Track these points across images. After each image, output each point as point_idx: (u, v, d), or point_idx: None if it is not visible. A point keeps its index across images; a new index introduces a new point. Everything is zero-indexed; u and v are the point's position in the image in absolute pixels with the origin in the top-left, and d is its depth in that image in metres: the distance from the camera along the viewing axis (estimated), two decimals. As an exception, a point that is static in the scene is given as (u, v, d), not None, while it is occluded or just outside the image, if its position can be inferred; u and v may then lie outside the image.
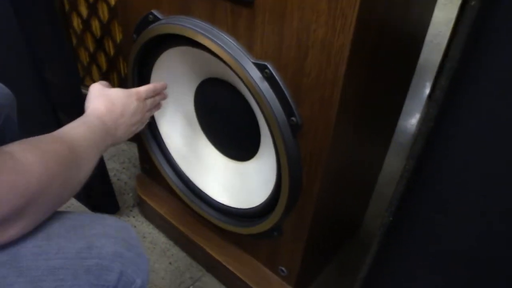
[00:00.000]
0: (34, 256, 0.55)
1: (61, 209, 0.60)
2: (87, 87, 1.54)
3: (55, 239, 0.56)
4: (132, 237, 0.63)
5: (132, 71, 1.00)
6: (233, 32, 0.76)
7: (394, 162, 1.55)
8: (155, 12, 0.88)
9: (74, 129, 0.65)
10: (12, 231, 0.51)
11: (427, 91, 2.11)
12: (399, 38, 0.82)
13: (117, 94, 0.77)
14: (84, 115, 0.72)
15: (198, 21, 0.81)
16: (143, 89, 0.83)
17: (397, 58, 0.87)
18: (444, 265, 0.60)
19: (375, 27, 0.68)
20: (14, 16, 1.04)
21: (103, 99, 0.75)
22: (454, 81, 0.48)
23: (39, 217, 0.55)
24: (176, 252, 1.23)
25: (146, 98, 0.83)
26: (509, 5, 0.42)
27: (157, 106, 0.90)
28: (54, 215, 0.59)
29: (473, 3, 0.44)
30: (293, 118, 0.74)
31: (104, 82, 0.80)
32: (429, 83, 2.16)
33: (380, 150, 1.14)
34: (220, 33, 0.78)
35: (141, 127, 0.83)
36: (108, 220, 0.63)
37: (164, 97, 0.92)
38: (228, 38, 0.77)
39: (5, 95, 0.94)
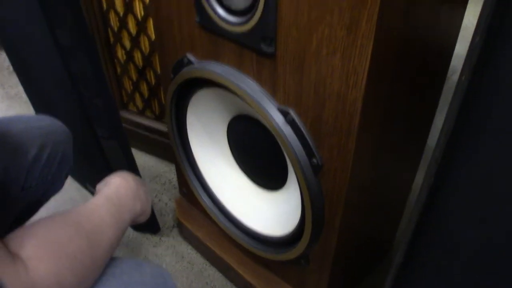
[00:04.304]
0: None
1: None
2: (131, 112, 1.65)
3: (95, 287, 0.62)
4: (167, 284, 0.68)
5: (170, 106, 1.08)
6: (258, 78, 0.82)
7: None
8: (189, 56, 0.95)
9: (97, 211, 0.67)
10: None
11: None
12: (419, 72, 0.86)
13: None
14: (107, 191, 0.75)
15: (227, 66, 0.87)
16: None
17: (418, 89, 0.89)
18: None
19: (389, 78, 0.72)
20: (58, 55, 1.13)
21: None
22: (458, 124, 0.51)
23: None
24: (212, 272, 1.30)
25: None
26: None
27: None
28: None
29: (463, 77, 0.48)
30: (314, 160, 0.80)
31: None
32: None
33: (407, 175, 1.17)
34: (247, 78, 0.84)
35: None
36: (146, 268, 0.68)
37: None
38: (253, 83, 0.83)
39: (63, 132, 1.02)
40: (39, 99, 1.53)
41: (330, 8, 0.63)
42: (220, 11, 0.81)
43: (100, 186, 0.80)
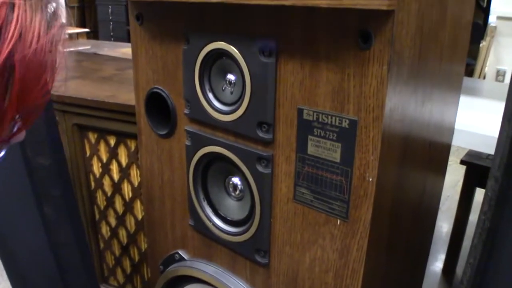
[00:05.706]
0: None
1: None
2: (111, 286, 1.62)
3: None
4: None
5: (158, 297, 1.08)
6: (252, 283, 0.85)
7: None
8: (181, 252, 0.99)
9: None
10: None
11: (440, 264, 2.12)
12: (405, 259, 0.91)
13: None
14: None
15: (220, 268, 0.91)
16: None
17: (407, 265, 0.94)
18: None
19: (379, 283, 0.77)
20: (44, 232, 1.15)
21: None
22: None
23: None
24: None
25: None
26: None
27: None
28: None
29: None
30: None
31: None
32: (442, 255, 2.17)
33: None
34: (239, 282, 0.87)
35: None
36: None
37: None
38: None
39: None
40: (16, 273, 1.50)
41: (322, 234, 0.69)
42: (216, 220, 0.86)
43: None
